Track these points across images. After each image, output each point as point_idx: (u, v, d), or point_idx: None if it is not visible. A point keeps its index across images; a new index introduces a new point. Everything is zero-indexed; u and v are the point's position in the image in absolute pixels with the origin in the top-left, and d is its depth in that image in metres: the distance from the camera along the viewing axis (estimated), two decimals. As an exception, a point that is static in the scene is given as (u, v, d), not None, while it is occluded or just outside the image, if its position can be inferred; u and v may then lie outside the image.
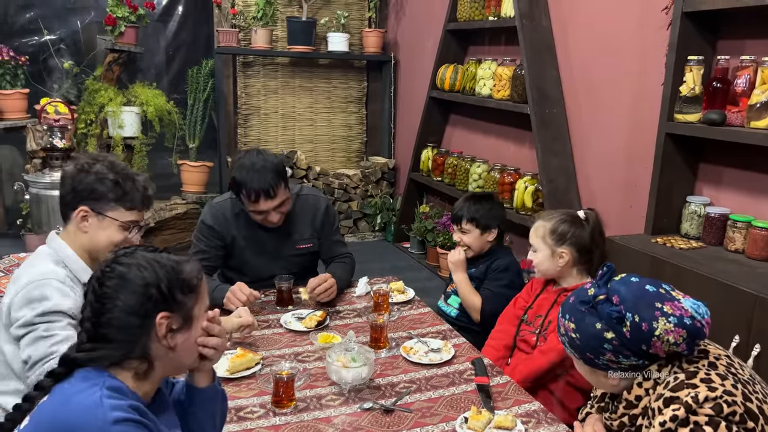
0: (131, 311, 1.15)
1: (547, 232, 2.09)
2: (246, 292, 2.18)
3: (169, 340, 1.19)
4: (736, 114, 2.33)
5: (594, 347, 1.34)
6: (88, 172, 1.68)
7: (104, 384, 1.11)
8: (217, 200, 2.47)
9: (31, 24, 4.94)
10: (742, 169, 2.54)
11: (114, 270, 1.18)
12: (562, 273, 2.10)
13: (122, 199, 1.70)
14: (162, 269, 1.19)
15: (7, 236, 4.85)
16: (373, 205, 5.52)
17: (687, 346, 1.28)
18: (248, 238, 2.41)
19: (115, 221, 1.69)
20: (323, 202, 2.55)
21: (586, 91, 3.40)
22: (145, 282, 1.17)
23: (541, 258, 2.11)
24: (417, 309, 2.37)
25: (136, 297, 1.16)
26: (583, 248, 2.06)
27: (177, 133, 5.10)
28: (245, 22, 5.20)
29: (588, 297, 1.36)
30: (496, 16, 3.92)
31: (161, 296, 1.18)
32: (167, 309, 1.18)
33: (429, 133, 4.92)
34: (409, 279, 2.72)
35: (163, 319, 1.17)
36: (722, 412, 1.19)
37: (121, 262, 1.19)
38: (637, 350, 1.30)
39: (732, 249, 2.41)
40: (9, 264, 2.76)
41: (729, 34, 2.54)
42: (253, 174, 2.23)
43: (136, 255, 1.21)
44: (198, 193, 5.10)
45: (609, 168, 3.25)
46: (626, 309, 1.30)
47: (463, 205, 2.56)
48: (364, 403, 1.68)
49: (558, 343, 1.96)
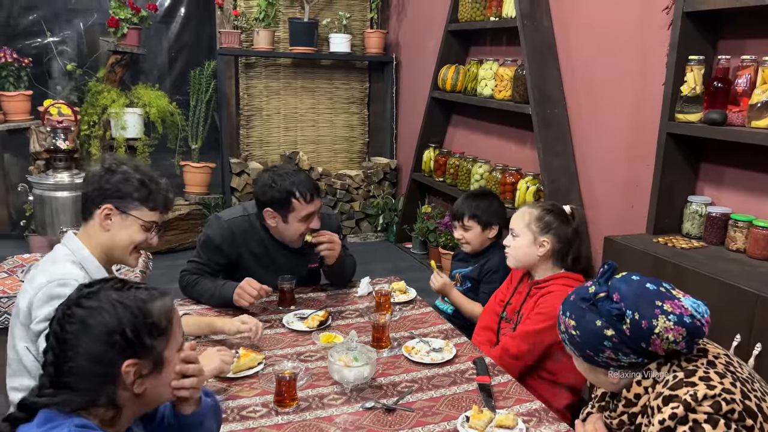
0: (94, 360, 1.08)
1: (534, 218, 2.10)
2: (256, 287, 2.16)
3: (137, 387, 1.12)
4: (737, 114, 2.34)
5: (594, 344, 1.34)
6: (115, 172, 1.72)
7: (72, 422, 1.06)
8: (227, 217, 2.37)
9: (34, 26, 4.96)
10: (743, 168, 2.54)
11: (75, 314, 1.10)
12: (537, 263, 2.10)
13: (146, 199, 1.73)
14: (127, 313, 1.11)
15: (11, 237, 4.87)
16: (375, 206, 5.53)
17: (686, 345, 1.29)
18: (258, 255, 2.37)
19: (138, 220, 1.73)
20: (335, 221, 2.53)
21: (587, 91, 3.41)
22: (108, 329, 1.09)
23: (520, 244, 2.11)
24: (419, 309, 2.37)
25: (99, 345, 1.09)
26: (564, 241, 2.07)
27: (179, 135, 5.11)
28: (247, 23, 5.21)
29: (588, 294, 1.37)
30: (497, 16, 3.93)
31: (126, 343, 1.10)
32: (134, 356, 1.11)
33: (431, 134, 4.93)
34: (411, 279, 2.73)
35: (130, 367, 1.10)
36: (721, 410, 1.20)
37: (83, 305, 1.11)
38: (637, 348, 1.31)
39: (733, 248, 2.41)
40: (13, 265, 2.78)
41: (730, 33, 2.54)
42: (295, 177, 2.22)
43: (99, 296, 1.13)
44: (200, 194, 5.11)
45: (610, 168, 3.26)
46: (626, 306, 1.30)
47: (464, 202, 2.57)
48: (366, 403, 1.69)
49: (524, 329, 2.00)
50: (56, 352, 1.10)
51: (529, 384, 1.90)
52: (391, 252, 5.26)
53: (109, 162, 1.75)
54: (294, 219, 2.24)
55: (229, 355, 1.78)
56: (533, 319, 2.01)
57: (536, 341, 1.98)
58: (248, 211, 2.38)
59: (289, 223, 2.26)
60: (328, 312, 2.23)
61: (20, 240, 4.67)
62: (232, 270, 2.39)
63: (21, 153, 4.73)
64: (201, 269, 2.35)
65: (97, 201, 1.71)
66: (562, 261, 2.10)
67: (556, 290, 2.02)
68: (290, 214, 2.24)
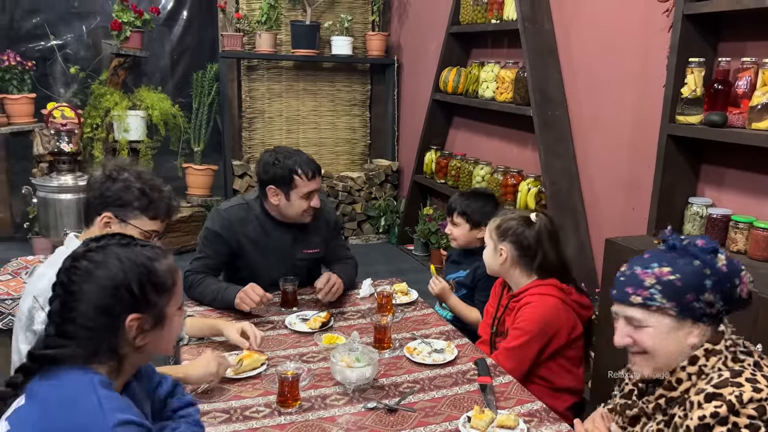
0: (100, 311, 1.12)
1: (494, 227, 2.11)
2: (259, 293, 2.19)
3: (139, 340, 1.16)
4: (738, 115, 2.34)
5: (696, 285, 1.31)
6: (116, 180, 1.71)
7: (95, 377, 1.10)
8: (224, 206, 2.46)
9: (37, 29, 4.98)
10: (743, 170, 2.55)
11: (81, 266, 1.13)
12: (506, 271, 2.10)
13: (147, 208, 1.72)
14: (135, 268, 1.14)
15: (15, 240, 4.89)
16: (376, 208, 5.54)
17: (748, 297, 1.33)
18: (255, 242, 2.42)
19: (137, 230, 1.71)
20: (332, 210, 2.60)
21: (588, 93, 3.42)
22: (114, 282, 1.12)
23: (487, 253, 2.14)
24: (420, 310, 2.38)
25: (105, 297, 1.12)
26: (523, 248, 2.05)
27: (182, 137, 5.13)
28: (249, 26, 5.23)
29: (672, 243, 1.36)
30: (498, 19, 3.94)
31: (132, 298, 1.13)
32: (138, 310, 1.14)
33: (432, 136, 4.94)
34: (413, 281, 2.74)
35: (133, 321, 1.14)
36: (765, 415, 1.17)
37: (91, 259, 1.14)
38: (727, 291, 1.31)
39: (734, 250, 2.42)
40: (17, 267, 2.79)
41: (730, 36, 2.55)
42: (297, 157, 2.31)
43: (107, 251, 1.15)
44: (203, 196, 5.13)
45: (611, 170, 3.26)
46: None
47: (458, 198, 2.57)
48: (368, 403, 1.70)
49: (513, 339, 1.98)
50: (62, 301, 1.13)
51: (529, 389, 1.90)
52: (392, 254, 5.27)
53: (111, 168, 1.74)
54: (296, 196, 2.32)
55: (225, 362, 1.78)
56: (512, 334, 2.00)
57: (520, 356, 1.97)
58: (246, 200, 2.46)
59: (291, 200, 2.34)
60: (330, 313, 2.24)
61: (24, 242, 4.69)
62: (233, 261, 2.44)
63: (25, 156, 4.75)
64: (205, 265, 2.38)
65: (98, 208, 1.70)
66: (529, 268, 2.07)
67: (531, 301, 2.00)
68: (292, 191, 2.32)
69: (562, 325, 1.98)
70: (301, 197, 2.33)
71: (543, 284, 2.04)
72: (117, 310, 1.13)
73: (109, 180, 1.72)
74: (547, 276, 2.05)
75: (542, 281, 2.05)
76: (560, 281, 2.05)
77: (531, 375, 2.00)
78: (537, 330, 1.95)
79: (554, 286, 2.02)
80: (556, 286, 2.03)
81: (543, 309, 1.97)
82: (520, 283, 2.08)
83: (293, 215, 2.38)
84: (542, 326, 1.96)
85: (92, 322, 1.12)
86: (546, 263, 2.05)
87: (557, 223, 2.18)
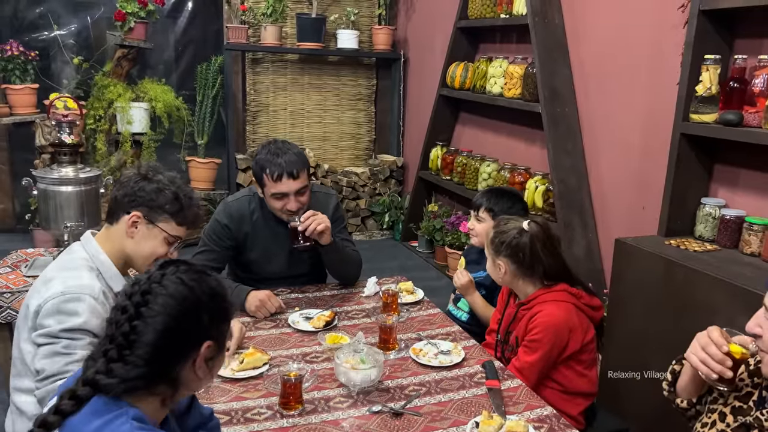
0: (178, 336, 1.08)
1: (489, 241, 2.03)
2: (276, 304, 2.21)
3: (203, 368, 1.14)
4: (754, 114, 2.29)
5: None
6: (151, 180, 1.69)
7: (129, 415, 1.04)
8: (231, 199, 2.47)
9: (40, 19, 4.94)
10: (758, 170, 2.49)
11: (165, 287, 1.09)
12: (508, 283, 2.04)
13: (177, 213, 1.70)
14: (210, 295, 1.13)
15: (16, 231, 4.86)
16: (381, 204, 5.49)
17: None
18: (260, 235, 2.41)
19: (163, 233, 1.69)
20: (333, 199, 2.55)
21: (598, 89, 3.36)
22: (197, 307, 1.10)
23: (488, 265, 2.07)
24: (426, 310, 2.34)
25: (188, 322, 1.09)
26: (519, 260, 1.96)
27: (185, 130, 5.10)
28: (255, 18, 5.18)
29: None
30: (507, 13, 3.88)
31: (211, 323, 1.12)
32: (211, 338, 1.13)
33: (438, 132, 4.89)
34: (417, 278, 2.70)
35: (207, 349, 1.12)
36: None
37: (172, 280, 1.10)
38: None
39: (747, 252, 2.37)
40: (16, 260, 2.75)
41: (746, 32, 2.49)
42: (276, 155, 2.27)
43: (186, 272, 1.13)
44: (206, 190, 5.09)
45: (621, 168, 3.21)
46: None
47: (485, 194, 2.46)
48: (373, 406, 1.65)
49: (524, 355, 1.92)
50: (133, 324, 1.06)
51: (541, 395, 1.85)
52: (397, 250, 5.23)
53: (146, 169, 1.73)
54: (267, 194, 2.31)
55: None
56: (530, 347, 1.92)
57: (541, 367, 1.91)
58: (252, 192, 2.45)
59: (265, 197, 2.32)
60: (334, 312, 2.20)
61: (25, 234, 4.67)
62: (236, 255, 2.44)
63: (27, 147, 4.72)
64: (208, 258, 2.36)
65: (127, 207, 1.68)
66: (532, 277, 2.00)
67: (543, 309, 1.93)
68: (264, 188, 2.31)
69: (576, 330, 1.93)
70: (271, 197, 2.29)
71: (553, 291, 1.97)
72: (195, 337, 1.11)
73: (143, 180, 1.70)
74: (554, 281, 2.00)
75: (550, 288, 1.99)
76: (569, 285, 2.00)
77: (544, 379, 1.95)
78: (552, 340, 1.89)
79: (564, 291, 1.96)
80: (566, 290, 1.97)
81: (556, 317, 1.91)
82: (527, 291, 2.01)
83: (271, 210, 2.36)
84: (557, 335, 1.90)
85: (167, 348, 1.08)
86: (548, 270, 1.99)
87: (566, 221, 2.11)
